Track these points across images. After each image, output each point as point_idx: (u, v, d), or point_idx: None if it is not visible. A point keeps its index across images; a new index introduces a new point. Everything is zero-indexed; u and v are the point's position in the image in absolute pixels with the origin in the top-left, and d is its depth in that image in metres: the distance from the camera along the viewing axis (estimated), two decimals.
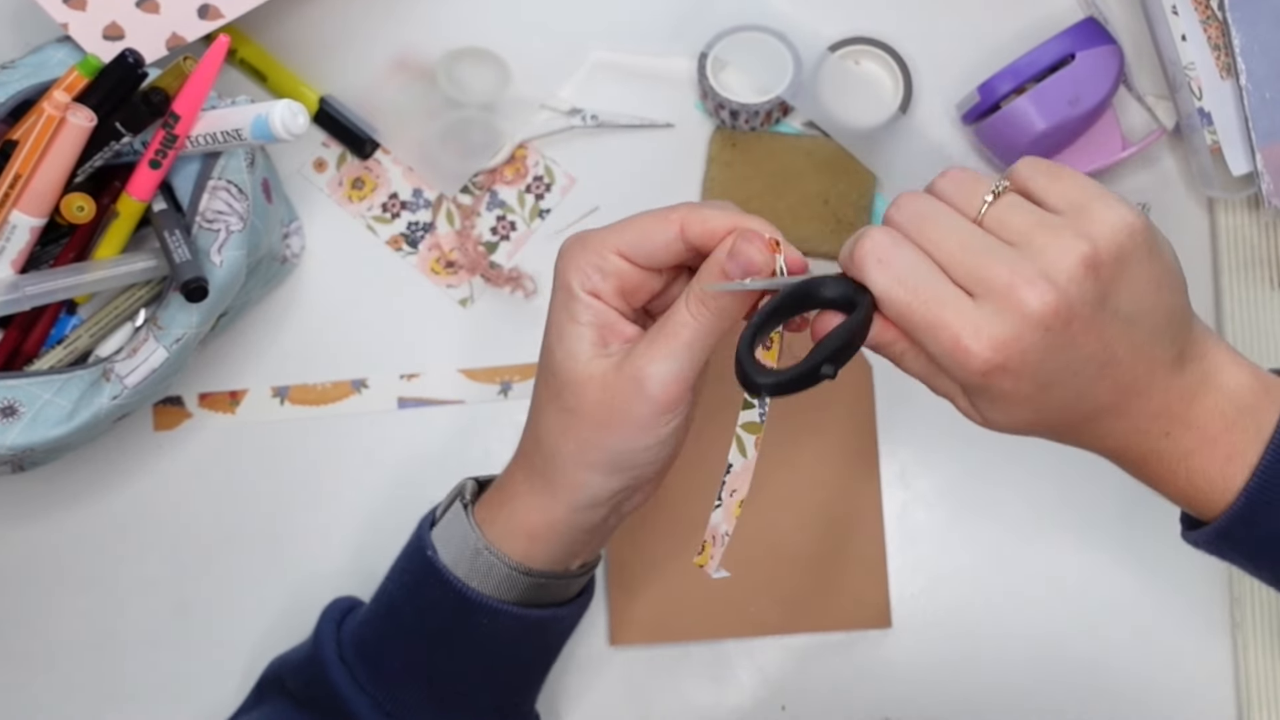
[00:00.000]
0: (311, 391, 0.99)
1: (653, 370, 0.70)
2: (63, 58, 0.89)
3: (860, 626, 0.96)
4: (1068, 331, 0.63)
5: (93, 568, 0.98)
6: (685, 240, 0.71)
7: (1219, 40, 0.92)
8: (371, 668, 0.81)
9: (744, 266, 0.68)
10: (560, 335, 0.73)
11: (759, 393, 0.65)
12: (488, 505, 0.79)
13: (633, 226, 0.72)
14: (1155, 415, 0.67)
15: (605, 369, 0.71)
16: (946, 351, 0.63)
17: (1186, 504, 0.70)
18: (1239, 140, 0.92)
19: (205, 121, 0.84)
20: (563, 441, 0.74)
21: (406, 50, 1.00)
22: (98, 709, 0.98)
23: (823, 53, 0.98)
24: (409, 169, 1.00)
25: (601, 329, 0.72)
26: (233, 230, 0.86)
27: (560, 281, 0.73)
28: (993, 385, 0.64)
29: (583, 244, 0.72)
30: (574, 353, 0.72)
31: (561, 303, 0.73)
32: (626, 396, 0.71)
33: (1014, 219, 0.65)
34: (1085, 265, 0.62)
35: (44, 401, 0.84)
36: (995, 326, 0.62)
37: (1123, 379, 0.66)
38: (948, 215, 0.66)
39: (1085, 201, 0.64)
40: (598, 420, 0.72)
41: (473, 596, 0.77)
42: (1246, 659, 0.94)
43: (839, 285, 0.66)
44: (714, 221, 0.70)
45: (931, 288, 0.64)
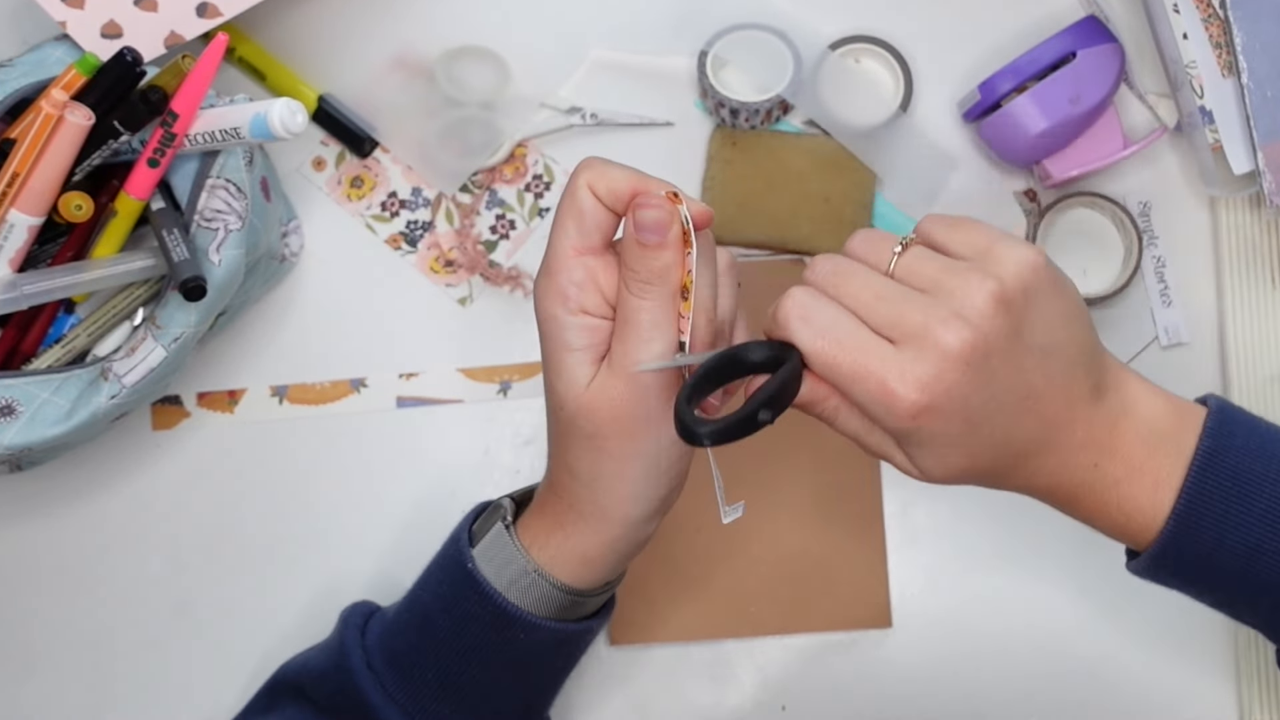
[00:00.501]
0: (310, 391, 0.99)
1: (629, 362, 0.70)
2: (61, 56, 0.89)
3: (860, 626, 0.96)
4: (987, 365, 0.64)
5: (91, 567, 0.98)
6: (604, 201, 0.71)
7: (1220, 38, 0.92)
8: (402, 677, 0.81)
9: (654, 230, 0.69)
10: (558, 368, 0.73)
11: (700, 442, 0.65)
12: (534, 530, 0.78)
13: (568, 220, 0.72)
14: (1080, 446, 0.69)
15: (601, 382, 0.72)
16: (875, 398, 0.65)
17: (1123, 536, 0.72)
18: (1240, 139, 0.92)
19: (204, 120, 0.84)
20: (598, 466, 0.74)
21: (405, 48, 1.00)
22: (96, 709, 0.98)
23: (823, 51, 0.97)
24: (408, 167, 1.00)
25: (597, 345, 0.72)
26: (231, 229, 0.85)
27: (545, 318, 0.73)
28: (923, 428, 0.65)
29: (545, 269, 0.73)
30: (575, 380, 0.72)
31: (551, 334, 0.73)
32: (632, 399, 0.71)
33: (922, 268, 0.67)
34: (995, 301, 0.64)
35: (42, 401, 0.84)
36: (918, 368, 0.64)
37: (1045, 411, 0.67)
38: (861, 270, 0.68)
39: (987, 245, 0.67)
40: (621, 433, 0.72)
41: (513, 611, 0.77)
42: (1248, 658, 0.94)
43: (765, 348, 0.68)
44: (617, 182, 0.71)
45: (853, 338, 0.66)
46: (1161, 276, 0.98)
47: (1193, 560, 0.70)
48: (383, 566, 0.96)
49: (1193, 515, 0.68)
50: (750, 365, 0.68)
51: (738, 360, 0.68)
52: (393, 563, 0.96)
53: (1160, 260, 0.98)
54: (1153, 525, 0.69)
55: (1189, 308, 0.98)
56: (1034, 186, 0.99)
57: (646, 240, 0.69)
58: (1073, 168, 0.95)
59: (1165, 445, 0.69)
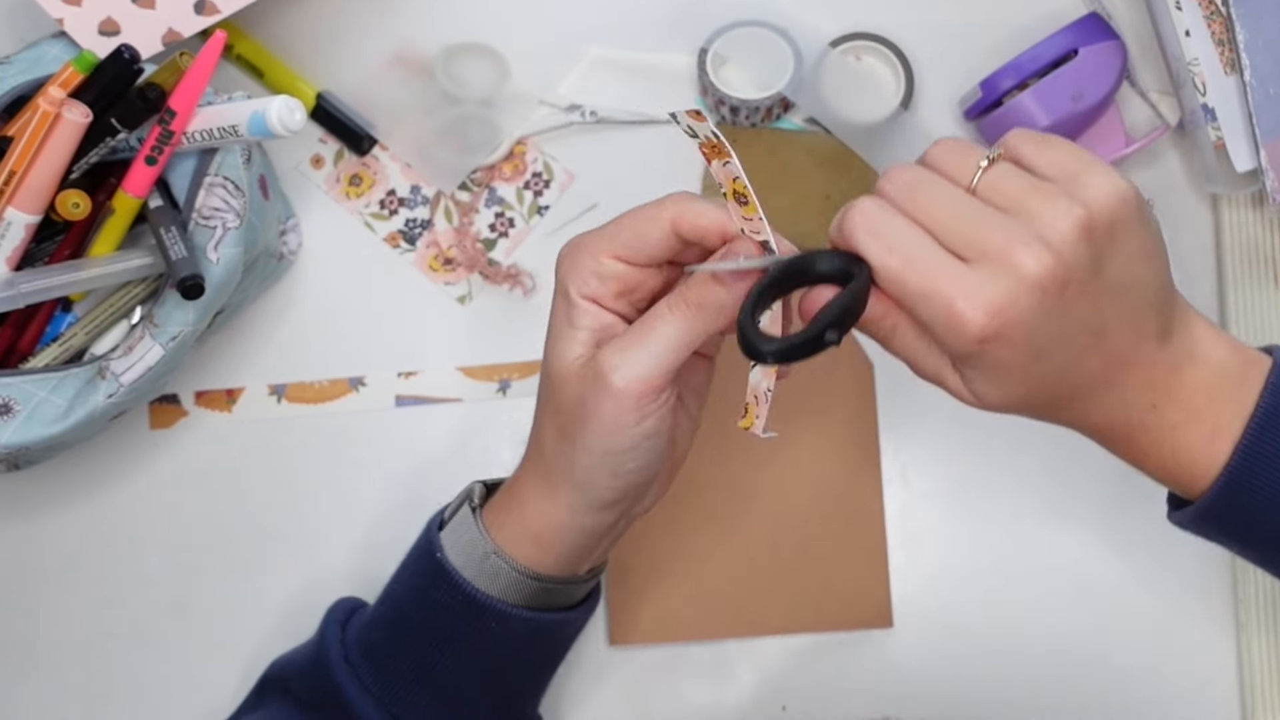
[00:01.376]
0: (309, 390, 0.99)
1: (614, 362, 0.69)
2: (58, 53, 0.89)
3: (861, 626, 0.96)
4: (1063, 296, 0.62)
5: (88, 567, 0.98)
6: (679, 236, 0.70)
7: (1223, 35, 0.92)
8: (377, 669, 0.81)
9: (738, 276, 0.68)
10: (556, 339, 0.72)
11: (764, 360, 0.63)
12: (496, 509, 0.78)
13: (627, 226, 0.71)
14: (1142, 387, 0.67)
15: (581, 369, 0.71)
16: (941, 319, 0.62)
17: (1172, 481, 0.70)
18: (1243, 136, 0.92)
19: (202, 118, 0.84)
20: (558, 443, 0.73)
21: (404, 46, 1.00)
22: (93, 709, 0.98)
23: (824, 48, 0.97)
24: (407, 165, 1.00)
25: (598, 333, 0.72)
26: (229, 227, 0.85)
27: (559, 288, 0.72)
28: (988, 353, 0.63)
29: (579, 249, 0.72)
30: (564, 354, 0.72)
31: (560, 309, 0.73)
32: (593, 392, 0.70)
33: (1007, 185, 0.64)
34: (1080, 229, 0.62)
35: (39, 399, 0.84)
36: (991, 291, 0.61)
37: (1112, 349, 0.65)
38: (939, 183, 0.65)
39: (1078, 169, 0.64)
40: (578, 417, 0.71)
41: (481, 599, 0.77)
42: (1251, 658, 0.94)
43: (833, 259, 0.65)
44: (706, 218, 0.70)
45: (924, 256, 0.63)
46: None
47: (1241, 516, 0.68)
48: (380, 566, 0.95)
49: (1247, 471, 0.66)
50: (816, 275, 0.66)
51: (804, 269, 0.66)
52: (391, 562, 0.95)
53: None
54: (1205, 476, 0.67)
55: (1191, 305, 0.97)
56: None
57: (722, 276, 0.68)
58: None
59: (1227, 393, 0.67)
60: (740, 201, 0.67)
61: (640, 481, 0.75)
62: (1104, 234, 0.63)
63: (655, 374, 0.69)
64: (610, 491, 0.74)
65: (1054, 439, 0.95)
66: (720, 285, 0.68)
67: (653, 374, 0.69)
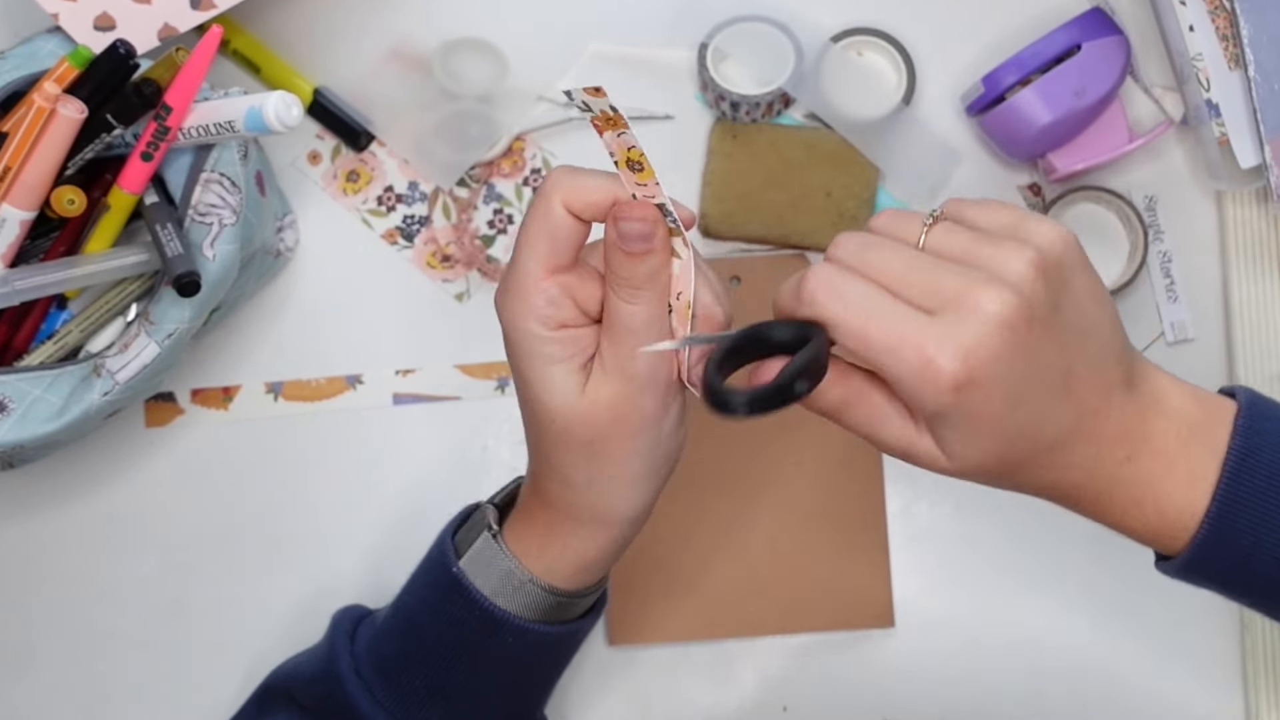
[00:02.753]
0: (306, 387, 0.98)
1: (630, 363, 0.69)
2: (53, 49, 0.89)
3: (863, 626, 0.95)
4: (1030, 333, 0.62)
5: (83, 566, 0.98)
6: (578, 215, 0.69)
7: (1227, 31, 0.91)
8: (390, 683, 0.80)
9: (639, 239, 0.68)
10: (544, 384, 0.71)
11: (735, 413, 0.62)
12: (526, 541, 0.77)
13: (540, 241, 0.70)
14: (1115, 439, 0.66)
15: (596, 386, 0.70)
16: (912, 371, 0.61)
17: (1153, 538, 0.69)
18: (1247, 132, 0.92)
19: (198, 113, 0.84)
20: (597, 473, 0.73)
21: (402, 41, 0.99)
22: (89, 708, 0.97)
23: (824, 43, 0.97)
24: (404, 161, 1.00)
25: (580, 353, 0.71)
26: (225, 224, 0.85)
27: (518, 334, 0.71)
28: (963, 403, 0.62)
29: (517, 290, 0.70)
30: (566, 392, 0.71)
31: (530, 351, 0.71)
32: (632, 397, 0.70)
33: (953, 240, 0.65)
34: (1034, 267, 0.62)
35: (34, 398, 0.84)
36: (959, 335, 0.61)
37: (1081, 396, 0.65)
38: (889, 244, 0.65)
39: (1016, 221, 0.65)
40: (624, 433, 0.71)
41: (499, 615, 0.77)
42: (1254, 658, 0.94)
43: (789, 328, 0.65)
44: (593, 194, 0.69)
45: (887, 310, 0.62)
46: (1168, 272, 0.97)
47: (1227, 564, 0.67)
48: (379, 565, 0.96)
49: (1228, 518, 0.66)
50: (773, 344, 0.65)
51: (760, 339, 0.65)
52: (389, 561, 0.95)
53: (1166, 255, 0.97)
54: (1188, 526, 0.67)
55: (1195, 303, 0.97)
56: (1038, 181, 0.98)
57: (633, 249, 0.68)
58: (1077, 162, 0.94)
59: (1198, 439, 0.67)
60: (635, 169, 0.67)
61: (678, 455, 0.75)
62: (1056, 274, 0.63)
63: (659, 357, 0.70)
64: (654, 490, 0.75)
65: None
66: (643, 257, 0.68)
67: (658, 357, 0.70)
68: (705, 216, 0.97)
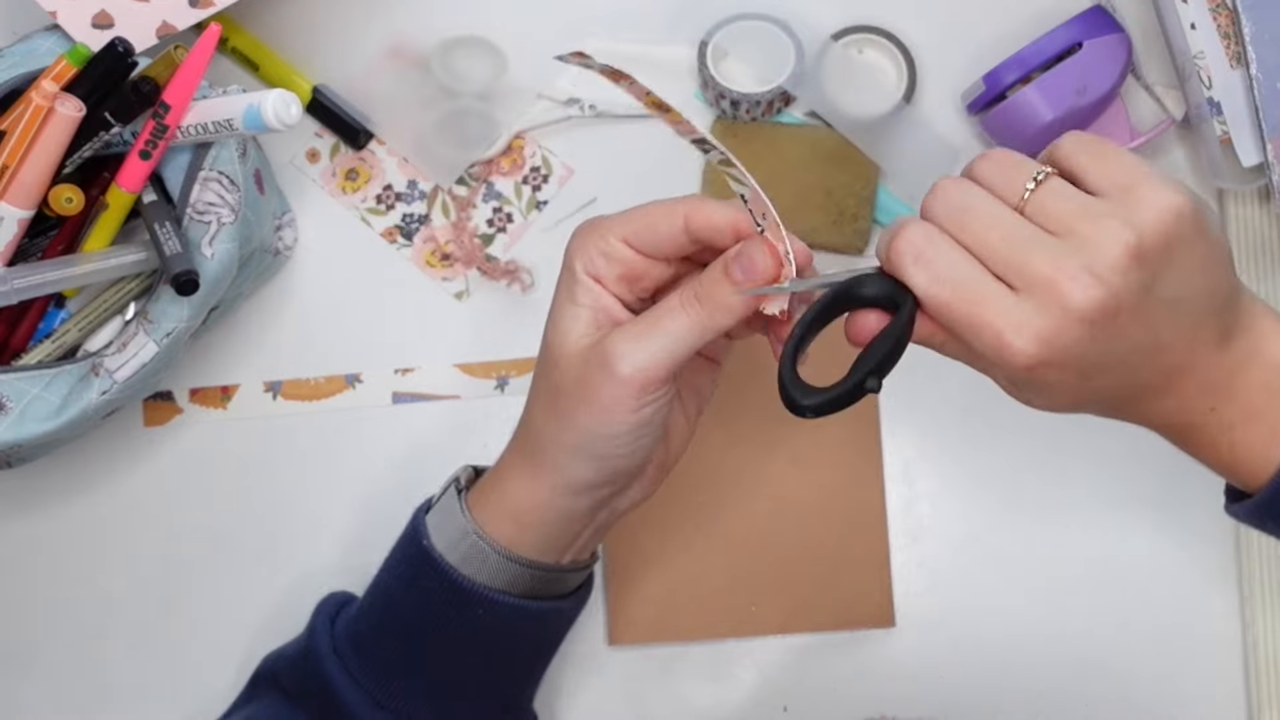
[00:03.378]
0: (304, 387, 0.98)
1: (624, 350, 0.70)
2: (51, 46, 0.88)
3: (863, 626, 0.95)
4: (1114, 324, 0.62)
5: (81, 565, 0.97)
6: (690, 234, 0.71)
7: (1229, 29, 0.91)
8: (366, 660, 0.81)
9: (748, 271, 0.68)
10: (558, 314, 0.73)
11: (804, 414, 0.64)
12: (481, 490, 0.79)
13: (640, 215, 0.72)
14: (1200, 391, 0.67)
15: (584, 351, 0.72)
16: (990, 349, 0.62)
17: (1230, 475, 0.70)
18: (1249, 131, 0.91)
19: (196, 111, 0.84)
20: (546, 419, 0.74)
21: (401, 38, 0.99)
22: (87, 707, 0.97)
23: (825, 41, 0.97)
24: (404, 160, 0.99)
25: (597, 312, 0.72)
26: (224, 222, 0.85)
27: (565, 263, 0.73)
28: (1035, 380, 0.63)
29: (591, 228, 0.73)
30: (565, 331, 0.72)
31: (564, 283, 0.73)
32: (596, 374, 0.71)
33: (1057, 207, 0.63)
34: (1130, 256, 0.61)
35: (32, 396, 0.84)
36: (1039, 322, 0.61)
37: (1168, 360, 0.65)
38: (989, 205, 0.64)
39: (1131, 184, 0.63)
40: (574, 397, 0.72)
41: (467, 586, 0.77)
42: (1257, 659, 0.93)
43: (880, 284, 0.65)
44: (718, 217, 0.70)
45: (973, 286, 0.63)
46: None
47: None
48: (376, 564, 0.95)
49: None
50: (861, 300, 0.66)
51: (849, 295, 0.66)
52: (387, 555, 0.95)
53: None
54: (1263, 472, 0.67)
55: None
56: None
57: (734, 275, 0.69)
58: None
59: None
60: (662, 110, 0.67)
61: (625, 469, 0.75)
62: (1156, 257, 0.62)
63: (661, 366, 0.70)
64: (593, 474, 0.74)
65: (1059, 439, 0.95)
66: (733, 285, 0.69)
67: (659, 366, 0.70)
68: None
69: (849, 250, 0.96)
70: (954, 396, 0.96)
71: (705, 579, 0.95)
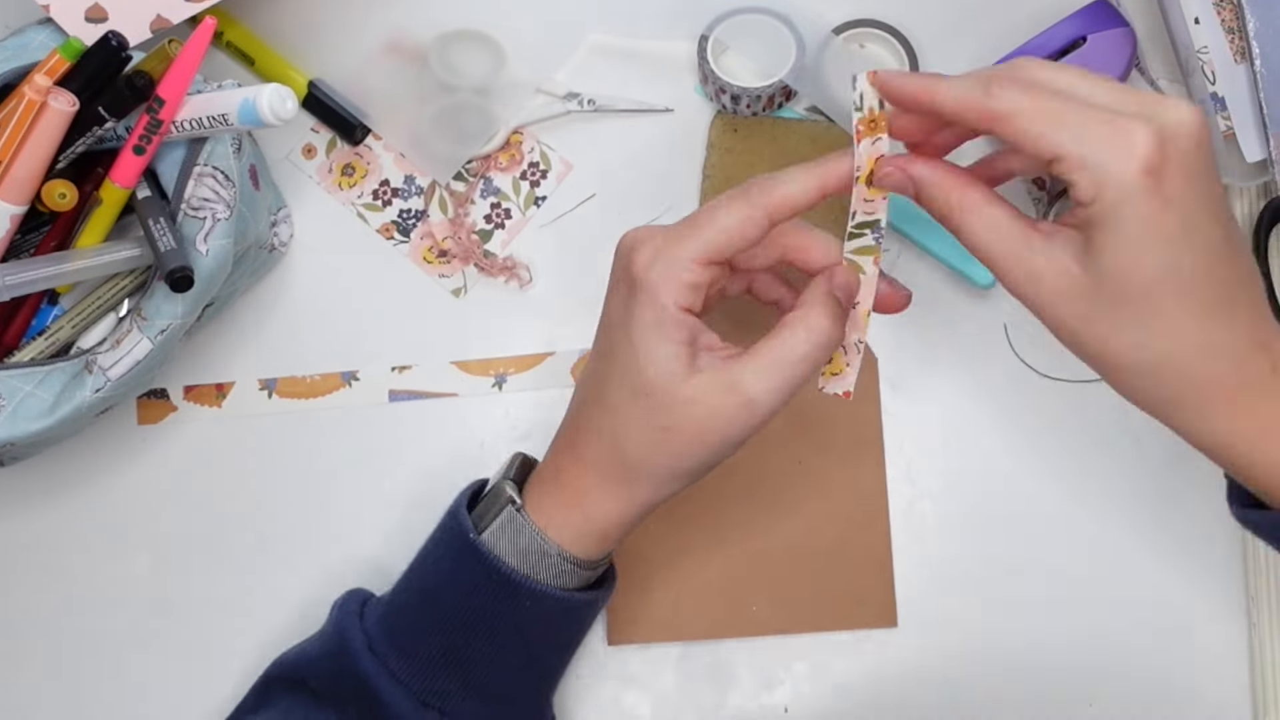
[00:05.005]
0: (300, 384, 0.97)
1: (761, 389, 0.71)
2: (44, 40, 0.88)
3: (865, 626, 0.94)
4: (1205, 160, 0.63)
5: (74, 565, 0.97)
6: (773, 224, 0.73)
7: (1233, 23, 0.91)
8: (405, 656, 0.80)
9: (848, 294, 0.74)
10: (652, 354, 0.72)
11: None
12: (548, 510, 0.79)
13: (708, 227, 0.72)
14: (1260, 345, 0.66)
15: (707, 389, 0.72)
16: (1106, 144, 0.62)
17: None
18: (1253, 126, 0.91)
19: (191, 106, 0.83)
20: (655, 455, 0.74)
21: (398, 32, 0.99)
22: (80, 707, 0.97)
23: (826, 35, 0.96)
24: (400, 155, 0.99)
25: (691, 344, 0.73)
26: (219, 218, 0.84)
27: (647, 295, 0.72)
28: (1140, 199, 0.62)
29: (666, 256, 0.72)
30: (672, 372, 0.72)
31: (651, 320, 0.72)
32: (735, 417, 0.72)
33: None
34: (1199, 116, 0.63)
35: (24, 394, 0.83)
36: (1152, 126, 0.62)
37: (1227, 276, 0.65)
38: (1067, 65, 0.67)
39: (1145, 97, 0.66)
40: (698, 437, 0.73)
41: (518, 579, 0.77)
42: (1263, 660, 0.93)
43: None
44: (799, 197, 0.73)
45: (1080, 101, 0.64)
46: None
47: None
48: (374, 564, 0.95)
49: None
50: None
51: None
52: (385, 560, 0.95)
53: None
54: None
55: None
56: (1042, 174, 0.97)
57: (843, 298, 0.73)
58: None
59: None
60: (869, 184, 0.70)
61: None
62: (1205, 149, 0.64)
63: (791, 393, 0.72)
64: (689, 483, 0.77)
65: (1062, 438, 0.94)
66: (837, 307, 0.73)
67: (790, 393, 0.72)
68: None
69: None
70: (957, 396, 0.95)
71: (706, 579, 0.94)
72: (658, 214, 0.97)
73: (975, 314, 0.95)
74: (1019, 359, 0.95)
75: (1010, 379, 0.95)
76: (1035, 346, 0.95)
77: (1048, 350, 0.95)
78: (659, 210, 0.97)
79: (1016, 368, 0.95)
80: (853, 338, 0.75)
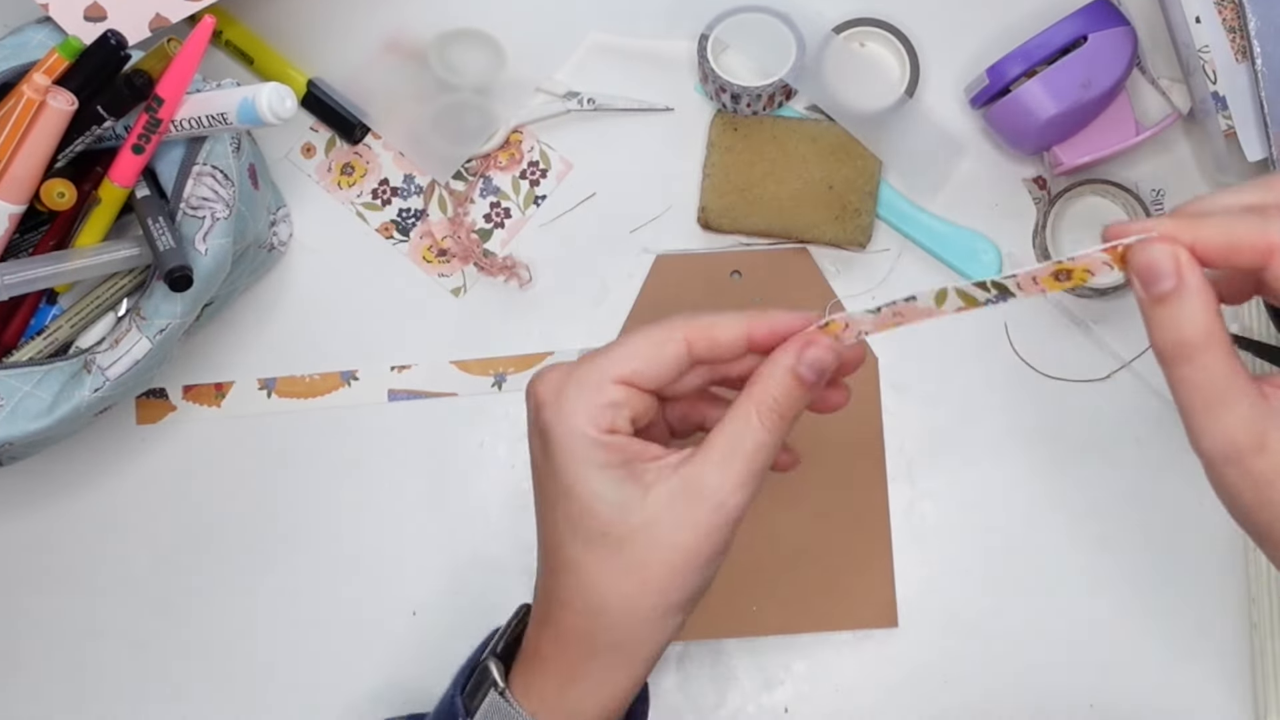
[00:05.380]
0: (299, 384, 0.97)
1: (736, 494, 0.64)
2: (43, 39, 0.88)
3: (866, 626, 0.94)
4: None
5: (72, 565, 0.97)
6: (693, 357, 0.66)
7: (1234, 22, 0.90)
8: None
9: (819, 370, 0.65)
10: (590, 489, 0.65)
11: None
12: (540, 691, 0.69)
13: (631, 352, 0.66)
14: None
15: (666, 503, 0.64)
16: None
17: None
18: (1254, 125, 0.91)
19: (190, 105, 0.83)
20: (639, 598, 0.65)
21: (397, 31, 0.98)
22: (79, 707, 0.96)
23: (827, 34, 0.96)
24: (400, 154, 0.99)
25: (629, 464, 0.65)
26: (218, 217, 0.84)
27: (563, 428, 0.65)
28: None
29: (579, 384, 0.66)
30: (619, 501, 0.64)
31: (576, 453, 0.65)
32: (707, 523, 0.64)
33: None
34: None
35: (23, 394, 0.83)
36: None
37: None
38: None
39: None
40: (678, 563, 0.65)
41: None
42: (1263, 661, 0.93)
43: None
44: (725, 333, 0.66)
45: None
46: None
47: None
48: (374, 563, 0.95)
49: None
50: None
51: None
52: (383, 559, 0.95)
53: None
54: None
55: None
56: (1044, 174, 0.97)
57: (806, 378, 0.65)
58: (1084, 154, 0.93)
59: None
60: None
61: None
62: None
63: (755, 485, 0.65)
64: (688, 613, 0.68)
65: (1063, 438, 0.94)
66: (809, 389, 0.65)
67: (754, 486, 0.65)
68: (705, 210, 0.96)
69: (850, 245, 0.96)
70: (957, 395, 0.95)
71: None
72: (658, 213, 0.97)
73: (975, 313, 0.95)
74: (1019, 358, 0.95)
75: (1010, 379, 0.95)
76: (1035, 346, 0.95)
77: (1048, 350, 0.95)
78: (659, 210, 0.97)
79: (1017, 367, 0.95)
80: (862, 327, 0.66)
